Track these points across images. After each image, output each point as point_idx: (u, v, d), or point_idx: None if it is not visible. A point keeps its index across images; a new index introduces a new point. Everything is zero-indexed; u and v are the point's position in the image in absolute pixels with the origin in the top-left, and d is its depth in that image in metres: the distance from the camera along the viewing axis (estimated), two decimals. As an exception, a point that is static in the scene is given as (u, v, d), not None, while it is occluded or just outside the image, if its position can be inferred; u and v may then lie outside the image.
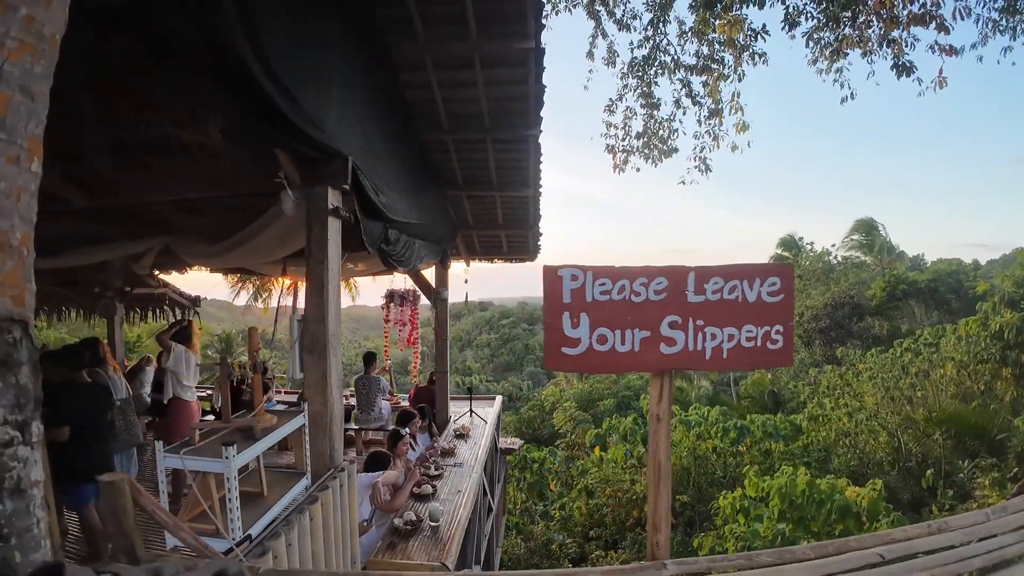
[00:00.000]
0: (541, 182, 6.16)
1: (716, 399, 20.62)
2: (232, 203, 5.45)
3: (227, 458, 2.53)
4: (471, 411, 6.86)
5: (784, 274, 2.55)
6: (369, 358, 7.35)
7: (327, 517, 3.04)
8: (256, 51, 2.45)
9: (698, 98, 8.81)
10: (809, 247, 22.64)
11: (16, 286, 1.27)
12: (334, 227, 3.35)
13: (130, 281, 7.92)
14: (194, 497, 2.77)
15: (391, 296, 5.89)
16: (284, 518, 2.67)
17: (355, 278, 14.38)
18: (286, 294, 22.60)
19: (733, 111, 7.86)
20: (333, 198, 3.33)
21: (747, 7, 7.29)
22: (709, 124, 8.64)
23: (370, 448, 7.20)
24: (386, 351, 6.87)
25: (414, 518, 4.26)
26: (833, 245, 22.22)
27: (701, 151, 8.96)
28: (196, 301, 9.86)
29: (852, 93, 7.67)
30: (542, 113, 4.94)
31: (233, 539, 2.50)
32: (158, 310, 9.65)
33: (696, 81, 8.13)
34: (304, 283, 3.58)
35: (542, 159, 5.73)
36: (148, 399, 7.25)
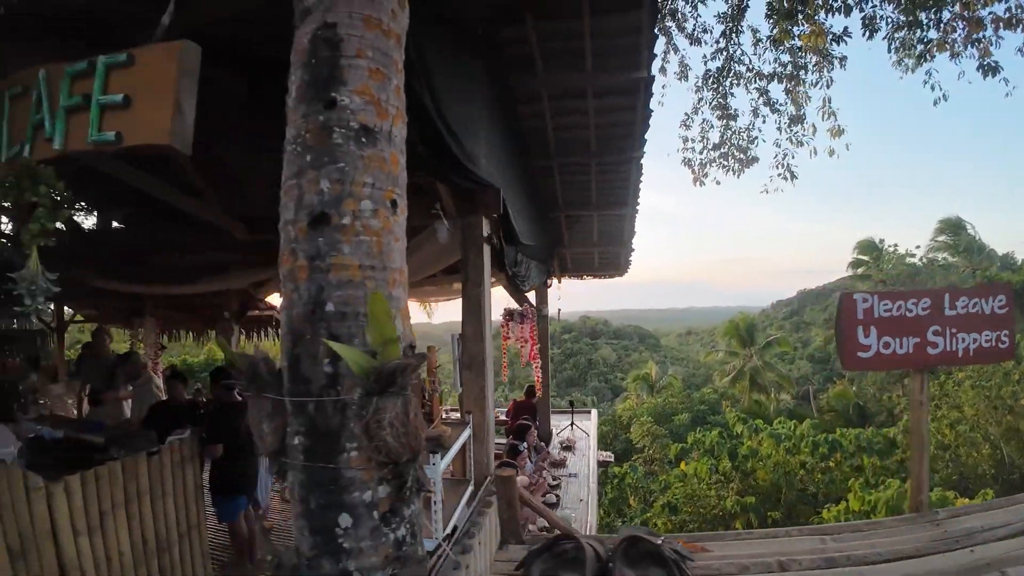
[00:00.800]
0: (639, 200, 6.43)
1: (795, 412, 20.02)
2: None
3: (434, 464, 2.89)
4: (572, 424, 7.11)
5: (1007, 292, 3.61)
6: None
7: (494, 520, 3.38)
8: (430, 91, 2.86)
9: (777, 105, 8.89)
10: (892, 250, 21.77)
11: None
12: (487, 253, 3.74)
13: (245, 304, 8.66)
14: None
15: (510, 314, 6.23)
16: (469, 519, 3.02)
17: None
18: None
19: (826, 116, 7.89)
20: (485, 227, 3.74)
21: (830, 15, 7.37)
22: (791, 131, 8.70)
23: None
24: (504, 367, 7.20)
25: (542, 525, 4.53)
26: (917, 247, 21.26)
27: (784, 159, 9.04)
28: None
29: (944, 95, 7.59)
30: (646, 136, 5.24)
31: (438, 537, 2.86)
32: (264, 331, 10.45)
33: (775, 89, 8.22)
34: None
35: (642, 178, 6.01)
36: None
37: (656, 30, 7.39)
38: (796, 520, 11.64)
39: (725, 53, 8.49)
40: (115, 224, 6.42)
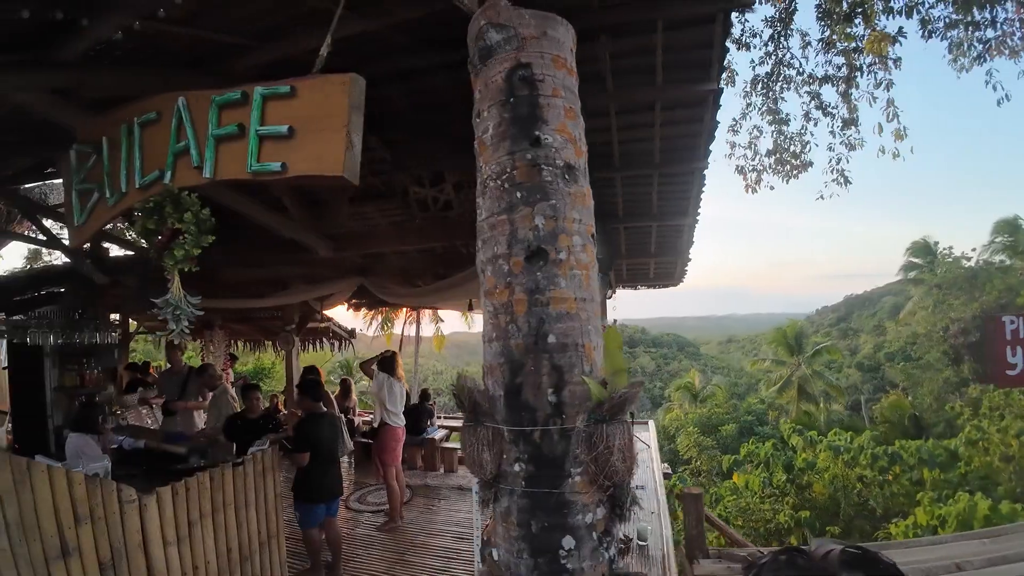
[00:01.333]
0: (699, 211, 6.44)
1: (847, 423, 19.49)
2: (417, 251, 6.25)
3: None
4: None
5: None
6: None
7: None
8: None
9: (829, 108, 8.79)
10: (947, 251, 21.05)
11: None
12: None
13: (305, 317, 8.98)
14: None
15: None
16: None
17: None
18: (409, 323, 23.80)
19: (890, 118, 7.76)
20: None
21: (889, 17, 7.29)
22: (844, 135, 8.57)
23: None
24: None
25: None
26: (973, 249, 20.51)
27: (838, 163, 8.90)
28: (352, 333, 10.91)
29: (1007, 94, 7.44)
30: (711, 147, 5.27)
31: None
32: (319, 342, 10.80)
33: (827, 91, 8.14)
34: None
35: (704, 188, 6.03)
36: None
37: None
38: (855, 536, 11.34)
39: (774, 57, 8.48)
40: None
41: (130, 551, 3.17)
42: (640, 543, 4.58)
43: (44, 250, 12.28)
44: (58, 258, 11.55)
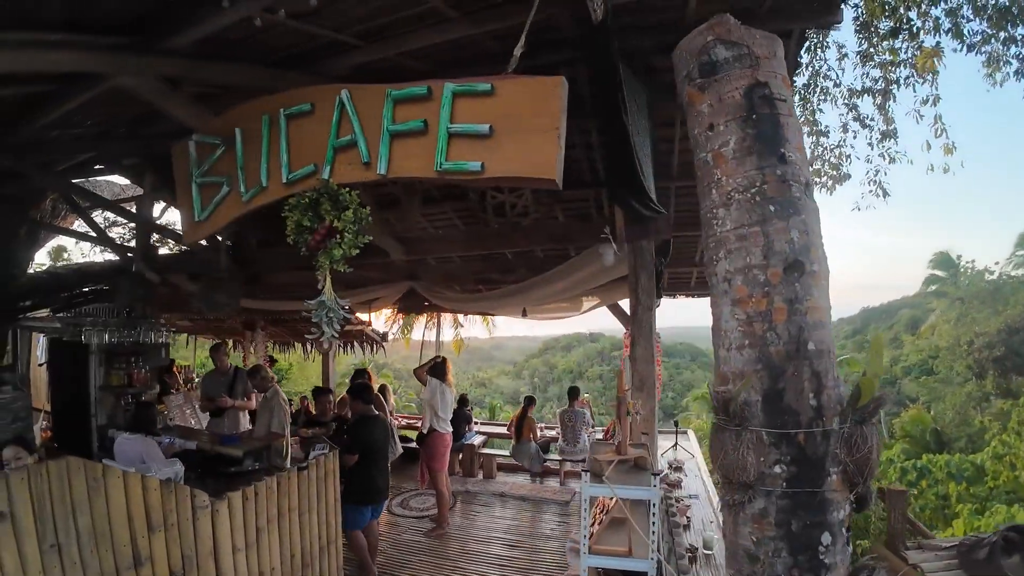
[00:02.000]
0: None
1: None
2: (462, 257, 6.25)
3: (653, 487, 2.95)
4: (676, 444, 7.10)
5: None
6: (574, 392, 7.81)
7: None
8: (632, 126, 2.99)
9: (867, 120, 8.75)
10: (970, 265, 20.90)
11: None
12: (653, 277, 3.87)
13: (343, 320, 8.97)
14: (614, 521, 3.17)
15: None
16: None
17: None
18: (430, 327, 23.74)
19: (938, 134, 7.74)
20: (651, 251, 3.86)
21: (936, 35, 7.25)
22: (883, 147, 8.53)
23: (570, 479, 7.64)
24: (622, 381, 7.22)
25: (687, 545, 4.54)
26: (996, 263, 20.38)
27: (876, 175, 8.86)
28: (384, 337, 10.92)
29: None
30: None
31: (654, 559, 2.91)
32: (352, 344, 10.81)
33: (865, 104, 8.11)
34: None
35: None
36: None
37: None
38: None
39: (811, 68, 8.45)
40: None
41: (201, 559, 3.06)
42: (706, 552, 4.53)
43: (68, 249, 12.34)
44: (80, 256, 11.62)
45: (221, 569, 3.16)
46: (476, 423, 8.62)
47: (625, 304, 7.44)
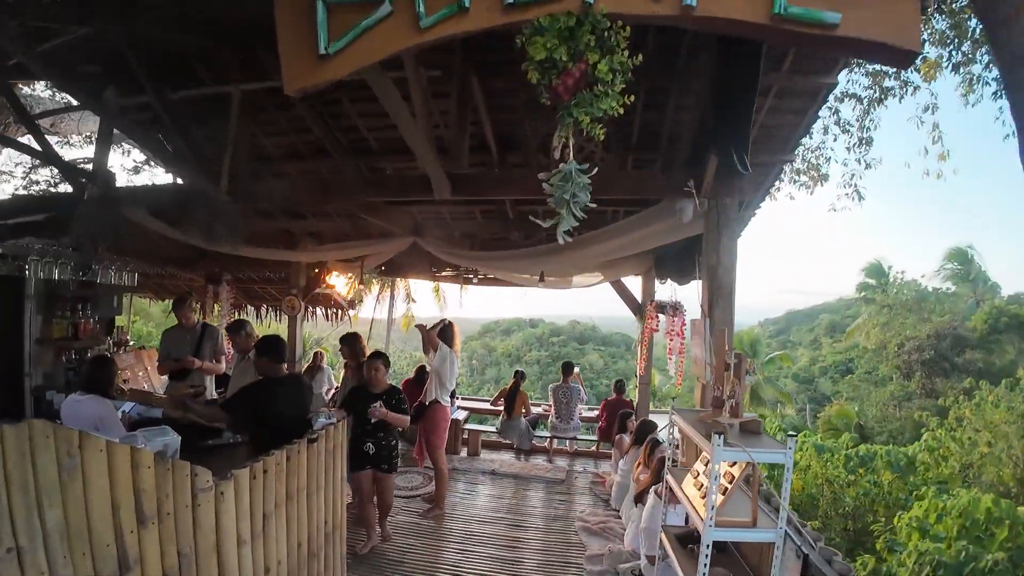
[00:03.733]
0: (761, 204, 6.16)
1: (797, 427, 20.16)
2: (484, 215, 5.61)
3: (789, 448, 2.51)
4: (671, 423, 6.79)
5: None
6: (568, 367, 7.36)
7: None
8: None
9: (846, 125, 8.82)
10: (900, 275, 22.13)
11: None
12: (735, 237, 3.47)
13: (311, 281, 8.13)
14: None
15: (661, 307, 5.81)
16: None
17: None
18: (382, 300, 22.73)
19: (934, 141, 7.85)
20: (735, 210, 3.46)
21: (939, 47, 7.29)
22: (859, 152, 8.62)
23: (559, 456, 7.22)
24: (642, 359, 6.81)
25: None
26: (923, 276, 21.68)
27: (851, 178, 8.95)
28: (352, 304, 10.08)
29: (1013, 131, 7.66)
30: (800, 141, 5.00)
31: (782, 529, 2.49)
32: (319, 310, 9.90)
33: (844, 108, 8.16)
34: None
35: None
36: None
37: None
38: (834, 529, 11.70)
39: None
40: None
41: (201, 556, 2.32)
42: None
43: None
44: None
45: (225, 567, 2.44)
46: (458, 397, 8.03)
47: (629, 282, 7.09)
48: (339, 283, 10.01)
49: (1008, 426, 12.75)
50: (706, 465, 2.84)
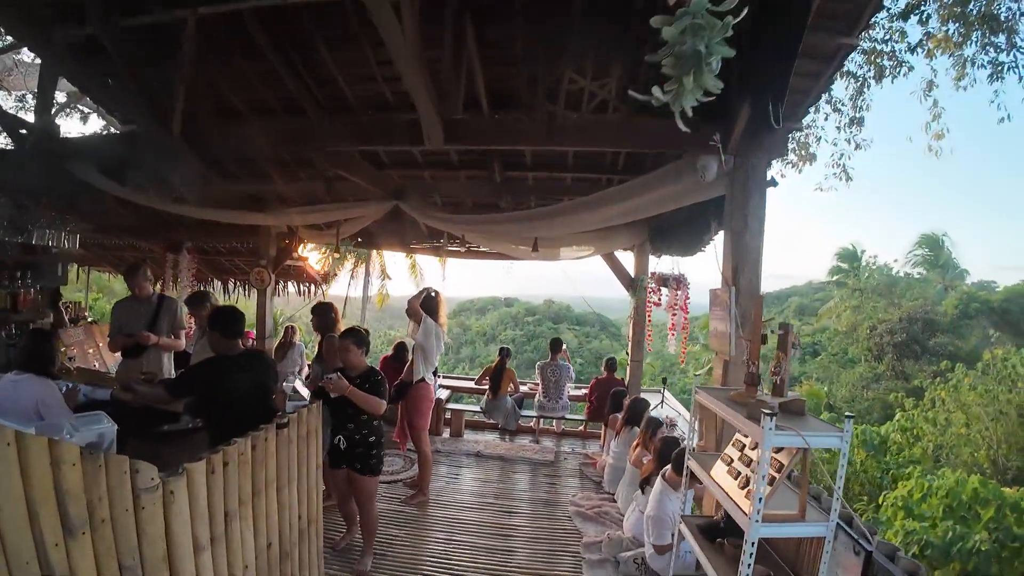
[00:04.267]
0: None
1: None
2: (470, 178, 5.13)
3: (846, 432, 2.17)
4: (663, 402, 6.51)
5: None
6: (556, 344, 6.99)
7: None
8: None
9: (838, 104, 8.59)
10: (872, 259, 22.36)
11: None
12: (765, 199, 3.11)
13: (281, 252, 7.56)
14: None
15: (663, 280, 5.42)
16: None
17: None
18: (355, 275, 22.07)
19: (935, 118, 7.66)
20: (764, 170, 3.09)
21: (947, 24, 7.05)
22: (849, 132, 8.42)
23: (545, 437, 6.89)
24: (649, 336, 6.43)
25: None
26: (895, 260, 22.00)
27: (840, 158, 8.73)
28: (326, 278, 9.52)
29: (1008, 115, 7.57)
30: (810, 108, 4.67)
31: (834, 521, 2.16)
32: (292, 284, 9.31)
33: (837, 87, 7.95)
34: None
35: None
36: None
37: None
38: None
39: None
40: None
41: (149, 568, 1.88)
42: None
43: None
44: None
45: (177, 577, 1.98)
46: (439, 376, 7.60)
47: (622, 256, 6.72)
48: (312, 258, 9.50)
49: (983, 408, 12.94)
50: (741, 451, 2.49)
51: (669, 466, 3.89)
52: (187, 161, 3.17)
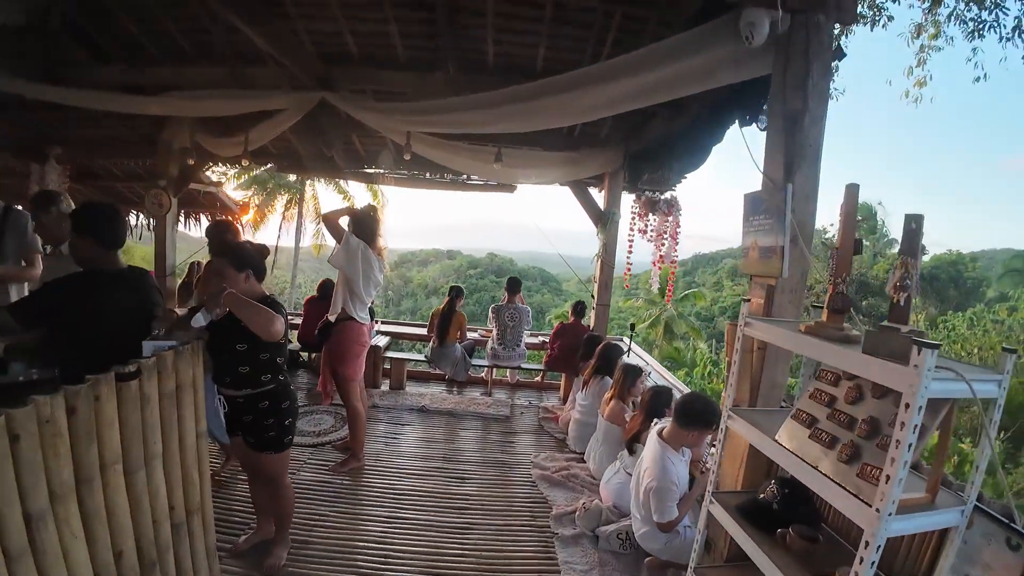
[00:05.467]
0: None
1: (711, 360, 20.68)
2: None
3: (1005, 373, 1.40)
4: (630, 350, 5.78)
5: None
6: (515, 284, 6.08)
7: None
8: None
9: None
10: (808, 222, 22.50)
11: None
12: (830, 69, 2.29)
13: (186, 173, 6.21)
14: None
15: (651, 204, 4.49)
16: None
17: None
18: (288, 219, 20.44)
19: (920, 64, 7.16)
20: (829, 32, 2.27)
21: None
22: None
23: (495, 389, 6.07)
24: (628, 271, 5.52)
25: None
26: (831, 224, 22.42)
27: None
28: (245, 208, 8.12)
29: (985, 74, 7.24)
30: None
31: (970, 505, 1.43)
32: (203, 217, 7.87)
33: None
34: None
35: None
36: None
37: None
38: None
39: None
40: None
41: None
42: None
43: None
44: None
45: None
46: (377, 321, 6.59)
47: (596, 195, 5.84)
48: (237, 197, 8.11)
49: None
50: (830, 407, 1.72)
51: (664, 422, 3.16)
52: None
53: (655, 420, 3.35)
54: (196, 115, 4.70)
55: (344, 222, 3.68)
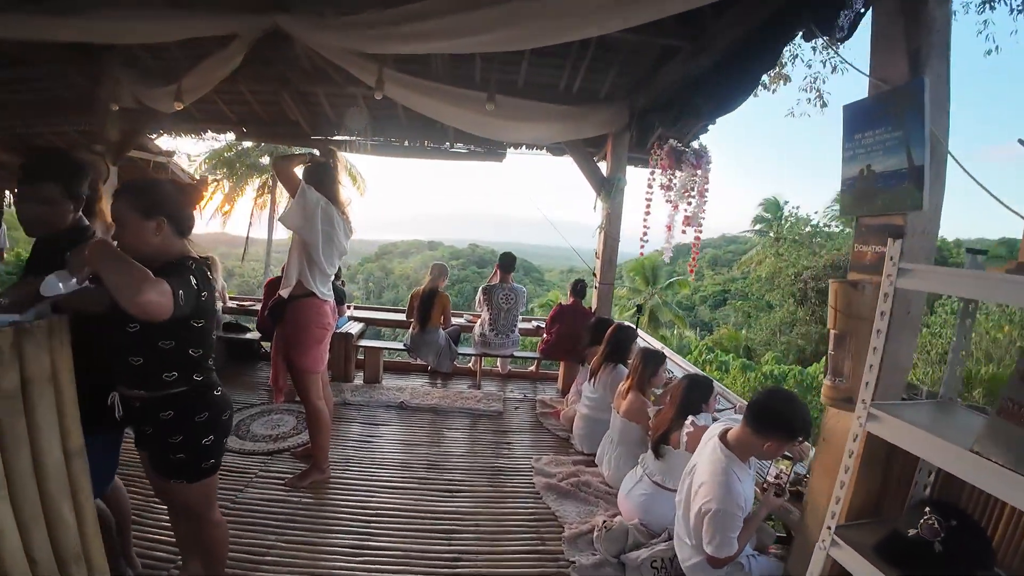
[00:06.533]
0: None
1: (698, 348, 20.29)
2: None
3: None
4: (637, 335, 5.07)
5: None
6: (509, 261, 5.32)
7: None
8: None
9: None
10: (795, 210, 22.27)
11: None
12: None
13: (128, 137, 5.33)
14: None
15: (678, 155, 3.66)
16: None
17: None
18: (260, 206, 19.40)
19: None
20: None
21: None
22: (825, 53, 7.36)
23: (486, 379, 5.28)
24: (644, 232, 4.61)
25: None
26: (816, 212, 22.17)
27: (815, 81, 7.71)
28: (204, 182, 7.20)
29: (997, 47, 6.80)
30: None
31: None
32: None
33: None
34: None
35: None
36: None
37: None
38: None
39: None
40: None
41: None
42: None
43: None
44: None
45: None
46: (350, 306, 5.78)
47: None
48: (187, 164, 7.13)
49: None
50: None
51: (702, 419, 2.47)
52: None
53: (690, 418, 2.66)
54: (119, 42, 3.83)
55: (301, 172, 2.90)
